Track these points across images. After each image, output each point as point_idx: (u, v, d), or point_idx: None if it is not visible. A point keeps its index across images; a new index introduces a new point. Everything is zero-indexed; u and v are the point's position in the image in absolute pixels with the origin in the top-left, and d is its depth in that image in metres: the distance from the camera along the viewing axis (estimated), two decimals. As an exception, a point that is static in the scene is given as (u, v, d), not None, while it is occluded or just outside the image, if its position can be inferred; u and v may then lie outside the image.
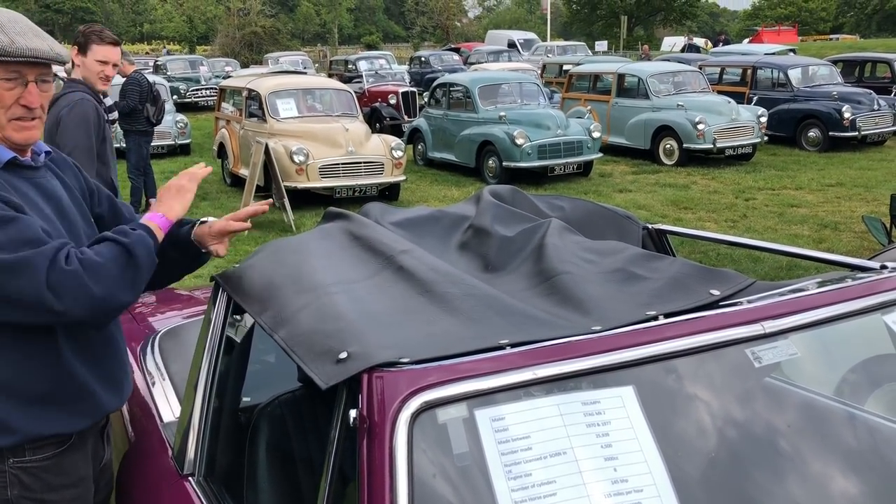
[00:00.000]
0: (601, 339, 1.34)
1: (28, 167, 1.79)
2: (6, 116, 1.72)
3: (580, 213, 2.37)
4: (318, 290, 1.68)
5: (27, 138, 1.74)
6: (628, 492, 1.20)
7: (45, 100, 1.76)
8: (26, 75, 1.71)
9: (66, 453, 1.78)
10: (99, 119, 3.87)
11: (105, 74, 3.80)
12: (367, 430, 1.24)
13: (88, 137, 3.79)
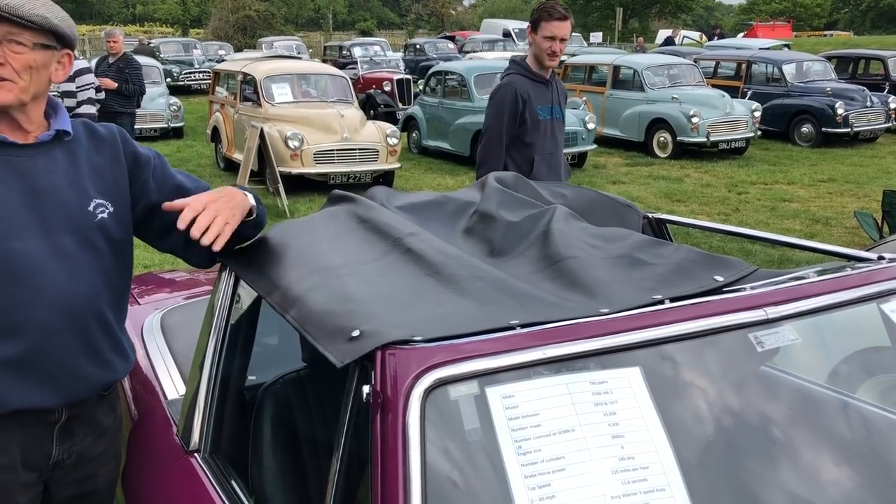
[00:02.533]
0: (609, 321, 1.38)
1: (6, 144, 1.76)
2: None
3: (582, 201, 2.40)
4: (328, 271, 1.71)
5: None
6: (634, 468, 1.24)
7: (16, 63, 1.69)
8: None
9: None
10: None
11: (553, 50, 3.84)
12: (381, 406, 1.27)
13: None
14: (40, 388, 1.77)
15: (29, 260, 1.73)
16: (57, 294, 1.76)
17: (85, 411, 1.90)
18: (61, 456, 1.88)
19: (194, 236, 1.76)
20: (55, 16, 1.75)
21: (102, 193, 1.86)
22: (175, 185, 1.99)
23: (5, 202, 1.72)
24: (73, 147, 1.86)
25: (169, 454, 2.03)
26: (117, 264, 1.91)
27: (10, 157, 1.76)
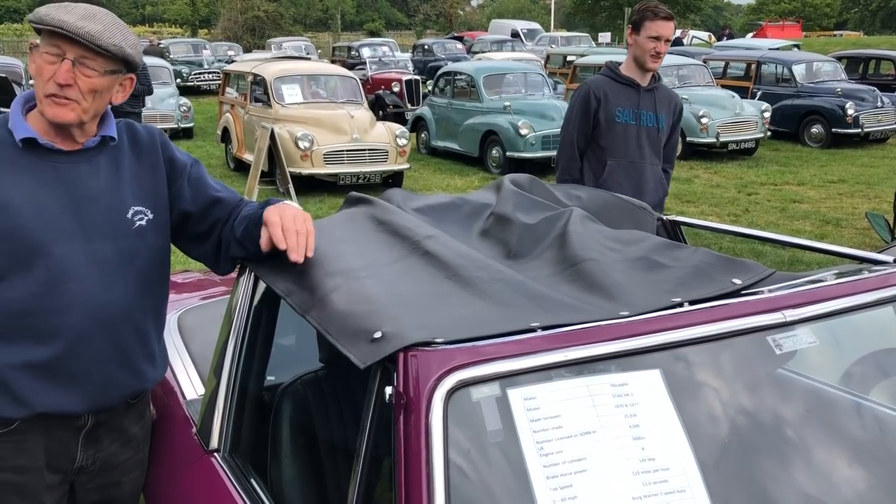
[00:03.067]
0: (629, 323, 1.39)
1: (52, 150, 1.80)
2: (43, 91, 1.74)
3: (597, 203, 2.41)
4: (348, 273, 1.72)
5: (54, 116, 1.75)
6: (655, 470, 1.25)
7: (84, 86, 1.74)
8: (66, 52, 1.72)
9: (5, 437, 1.79)
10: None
11: (658, 51, 3.63)
12: (404, 407, 1.29)
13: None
14: (68, 392, 1.80)
15: (66, 265, 1.77)
16: (91, 301, 1.79)
17: (112, 418, 1.92)
18: (86, 461, 1.91)
19: (296, 259, 1.76)
20: (128, 44, 1.78)
21: (141, 200, 1.89)
22: (209, 196, 2.01)
23: (48, 207, 1.76)
24: (115, 153, 1.89)
25: (188, 454, 2.05)
26: (155, 272, 1.94)
27: (55, 163, 1.80)
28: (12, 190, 1.74)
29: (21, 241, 1.73)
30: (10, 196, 1.73)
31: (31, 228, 1.74)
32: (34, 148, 1.78)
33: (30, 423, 1.80)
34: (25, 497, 1.82)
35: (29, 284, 1.74)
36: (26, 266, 1.74)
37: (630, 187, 3.66)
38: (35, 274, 1.74)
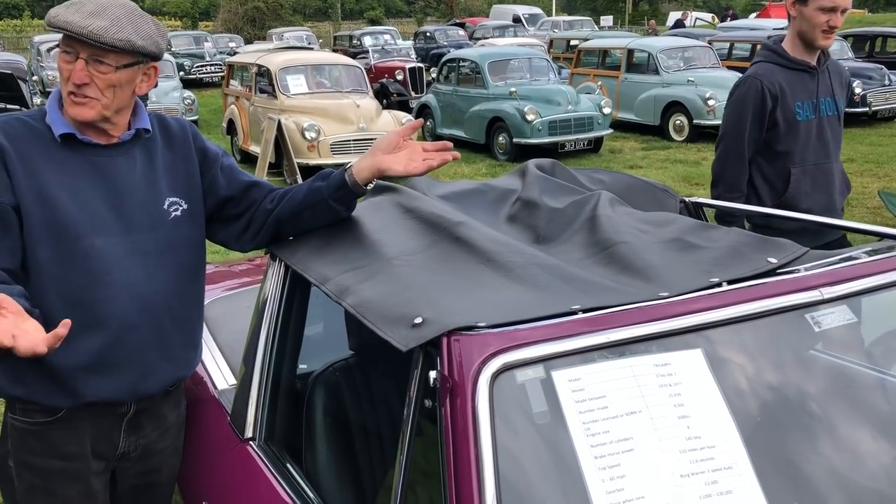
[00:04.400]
0: (670, 304, 1.40)
1: (89, 145, 1.82)
2: (65, 90, 1.77)
3: (620, 186, 2.41)
4: (380, 261, 1.74)
5: (76, 114, 1.77)
6: (702, 448, 1.26)
7: (100, 82, 1.75)
8: (78, 52, 1.74)
9: (53, 425, 1.83)
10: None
11: (833, 24, 2.97)
12: (450, 391, 1.30)
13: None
14: (113, 381, 1.84)
15: (110, 257, 1.80)
16: (134, 290, 1.82)
17: (152, 406, 1.96)
18: (128, 448, 1.94)
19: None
20: (141, 35, 1.77)
21: (176, 191, 1.92)
22: (244, 181, 2.04)
23: (89, 200, 1.79)
24: (149, 145, 1.91)
25: (223, 442, 2.07)
26: (192, 261, 1.97)
27: (93, 157, 1.83)
28: (54, 184, 1.76)
29: (65, 234, 1.76)
30: (52, 190, 1.76)
31: (75, 221, 1.77)
32: (72, 143, 1.81)
33: (76, 411, 1.84)
34: (74, 483, 1.86)
35: (74, 276, 1.77)
36: (71, 258, 1.77)
37: (821, 196, 3.12)
38: (79, 265, 1.77)
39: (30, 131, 1.79)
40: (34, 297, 1.75)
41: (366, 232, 1.92)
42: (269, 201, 2.02)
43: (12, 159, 1.73)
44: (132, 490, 2.03)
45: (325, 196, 1.93)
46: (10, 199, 1.73)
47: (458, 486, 1.23)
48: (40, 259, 1.75)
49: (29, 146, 1.77)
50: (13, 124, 1.78)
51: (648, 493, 1.21)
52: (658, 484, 1.22)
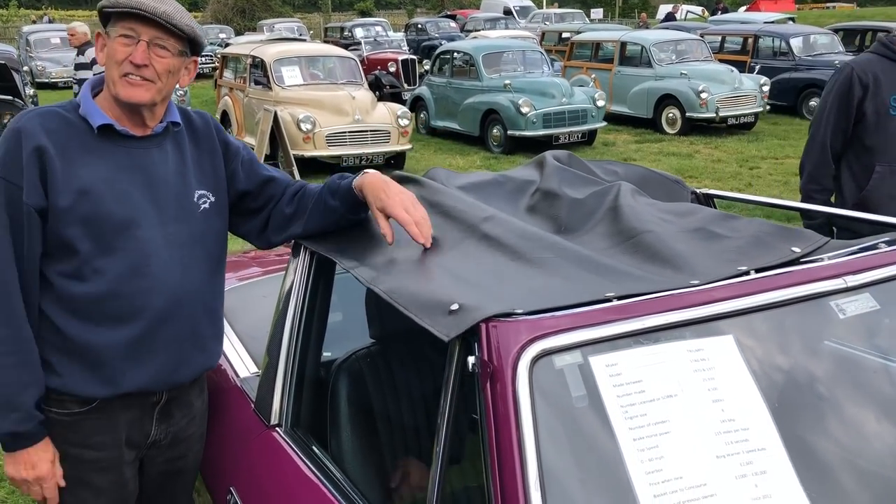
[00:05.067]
0: (701, 292, 1.44)
1: (126, 136, 1.85)
2: (118, 72, 1.79)
3: (635, 178, 2.45)
4: (410, 253, 1.77)
5: (130, 96, 1.80)
6: (736, 430, 1.31)
7: (159, 66, 1.80)
8: (141, 34, 1.78)
9: (87, 415, 1.86)
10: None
11: None
12: (490, 376, 1.33)
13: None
14: (149, 371, 1.87)
15: (149, 249, 1.83)
16: (170, 282, 1.85)
17: (181, 394, 1.99)
18: (158, 436, 1.97)
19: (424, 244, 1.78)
20: (196, 25, 1.85)
21: (204, 184, 1.96)
22: (263, 175, 2.08)
23: (128, 192, 1.82)
24: (178, 138, 1.95)
25: (248, 429, 2.10)
26: (219, 253, 2.00)
27: (129, 148, 1.85)
28: (93, 175, 1.79)
29: (105, 226, 1.79)
30: (91, 181, 1.78)
31: (114, 213, 1.79)
32: (109, 134, 1.83)
33: (111, 402, 1.86)
34: (107, 472, 1.88)
35: (114, 268, 1.80)
36: (110, 250, 1.79)
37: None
38: (119, 257, 1.80)
39: (67, 125, 1.81)
40: (73, 287, 1.78)
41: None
42: (288, 203, 2.05)
43: (52, 159, 1.75)
44: (159, 476, 2.06)
45: (343, 213, 1.98)
46: (37, 202, 1.75)
47: (501, 467, 1.27)
48: (80, 252, 1.78)
49: (67, 140, 1.79)
50: (51, 118, 1.80)
51: (686, 473, 1.26)
52: (695, 464, 1.27)
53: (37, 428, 1.79)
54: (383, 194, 1.87)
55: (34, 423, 1.78)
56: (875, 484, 1.40)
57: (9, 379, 1.74)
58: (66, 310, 1.81)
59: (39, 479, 1.81)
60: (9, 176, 1.74)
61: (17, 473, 1.80)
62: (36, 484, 1.81)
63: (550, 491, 1.23)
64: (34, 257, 1.77)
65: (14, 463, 1.80)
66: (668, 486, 1.24)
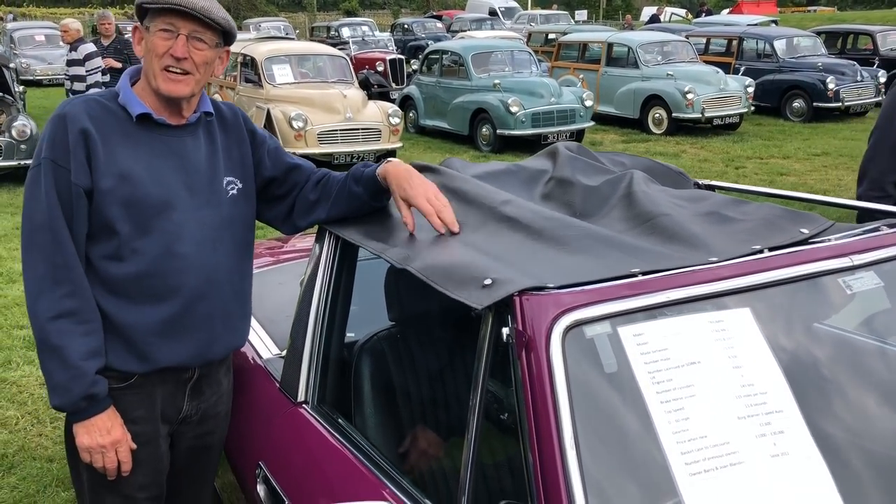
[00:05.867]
0: (720, 268, 1.54)
1: (162, 125, 1.93)
2: (159, 65, 1.88)
3: (641, 168, 2.54)
4: (434, 235, 1.85)
5: (171, 90, 1.88)
6: (755, 394, 1.40)
7: (197, 59, 1.88)
8: (179, 28, 1.86)
9: (126, 391, 1.93)
10: None
11: None
12: (525, 345, 1.42)
13: None
14: (183, 347, 1.95)
15: (183, 231, 1.92)
16: (203, 262, 1.94)
17: (212, 371, 2.08)
18: (189, 411, 2.06)
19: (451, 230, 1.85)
20: (229, 19, 1.94)
21: (232, 171, 2.04)
22: (287, 163, 2.17)
23: (166, 178, 1.91)
24: (210, 127, 2.03)
25: (275, 406, 2.18)
26: (246, 238, 2.09)
27: (165, 136, 1.94)
28: (132, 161, 1.87)
29: (144, 208, 1.87)
30: (131, 167, 1.86)
31: (152, 196, 1.87)
32: (147, 123, 1.92)
33: (147, 377, 1.93)
34: (144, 446, 1.96)
35: (151, 248, 1.88)
36: (148, 231, 1.88)
37: None
38: (156, 238, 1.88)
39: (108, 112, 1.89)
40: (112, 268, 1.86)
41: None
42: (312, 189, 2.14)
43: (95, 142, 1.84)
44: (188, 452, 2.13)
45: (366, 199, 2.07)
46: (86, 183, 1.84)
47: (538, 428, 1.36)
48: (120, 233, 1.86)
49: (109, 127, 1.87)
50: (93, 106, 1.88)
51: (710, 432, 1.35)
52: (718, 425, 1.36)
53: (107, 393, 1.87)
54: (406, 184, 1.96)
55: (105, 388, 1.86)
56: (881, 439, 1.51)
57: (81, 347, 1.82)
58: (107, 290, 1.89)
59: (116, 442, 1.88)
60: (57, 159, 1.82)
61: (92, 441, 1.87)
62: (112, 449, 1.88)
63: (585, 449, 1.32)
64: (82, 237, 1.85)
65: (88, 431, 1.87)
66: (693, 445, 1.33)
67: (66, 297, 1.83)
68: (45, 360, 1.84)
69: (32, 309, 1.86)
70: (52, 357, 1.82)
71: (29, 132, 9.32)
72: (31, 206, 1.86)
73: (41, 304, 1.83)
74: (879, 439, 1.51)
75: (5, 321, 5.45)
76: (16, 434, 3.96)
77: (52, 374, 1.83)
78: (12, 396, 4.36)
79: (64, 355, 1.80)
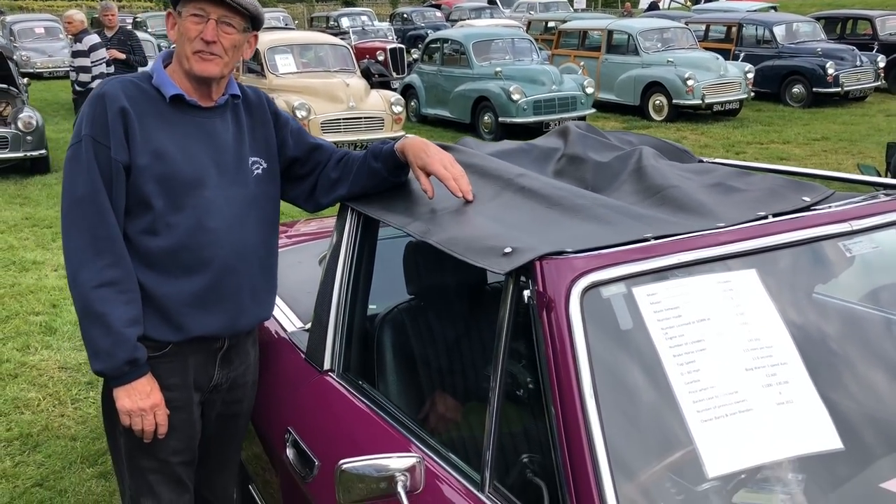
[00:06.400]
0: (727, 232, 1.64)
1: (194, 106, 2.03)
2: (190, 48, 1.97)
3: (648, 146, 2.65)
4: (453, 208, 1.95)
5: (203, 70, 1.98)
6: (761, 347, 1.51)
7: (226, 42, 1.98)
8: (209, 13, 1.96)
9: (160, 359, 2.03)
10: None
11: None
12: (546, 305, 1.52)
13: None
14: (215, 317, 2.05)
15: (214, 207, 2.02)
16: (232, 237, 2.04)
17: (240, 342, 2.18)
18: (220, 380, 2.16)
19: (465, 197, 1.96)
20: (257, 5, 2.03)
21: (257, 152, 2.14)
22: (310, 143, 2.27)
23: (196, 155, 2.01)
24: (237, 109, 2.14)
25: (302, 375, 2.29)
26: (272, 215, 2.19)
27: (197, 117, 2.04)
28: (166, 140, 1.97)
29: (177, 185, 1.97)
30: (165, 145, 1.96)
31: (185, 173, 1.98)
32: (179, 104, 2.02)
33: (180, 346, 2.03)
34: (178, 412, 2.06)
35: (183, 223, 1.98)
36: (180, 207, 1.98)
37: None
38: (188, 213, 1.98)
39: (143, 93, 1.99)
40: (148, 241, 1.96)
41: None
42: (333, 168, 2.24)
43: (132, 120, 1.94)
44: (218, 419, 2.24)
45: (385, 175, 2.17)
46: (125, 159, 1.94)
47: (559, 383, 1.46)
48: (155, 208, 1.96)
49: (145, 106, 1.98)
50: (129, 86, 1.98)
51: (720, 383, 1.45)
52: (728, 376, 1.46)
53: (146, 359, 1.97)
54: (424, 154, 2.06)
55: (145, 354, 1.96)
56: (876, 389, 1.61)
57: (124, 315, 1.92)
58: (143, 263, 1.99)
59: (154, 405, 1.98)
60: (97, 136, 1.92)
61: (133, 404, 1.96)
62: (150, 412, 1.98)
63: (603, 399, 1.43)
64: (122, 211, 1.95)
65: (129, 395, 1.96)
66: (704, 394, 1.44)
67: (107, 268, 1.92)
68: (88, 327, 1.93)
69: (74, 278, 1.95)
70: (96, 324, 1.91)
71: (35, 124, 9.39)
72: (73, 180, 1.95)
73: (84, 274, 1.92)
74: (873, 389, 1.62)
75: (21, 308, 5.56)
76: (38, 415, 4.07)
77: (96, 340, 1.92)
78: (33, 379, 4.47)
79: (107, 322, 1.90)
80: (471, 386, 2.27)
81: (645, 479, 1.43)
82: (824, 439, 1.44)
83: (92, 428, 3.90)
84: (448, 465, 1.73)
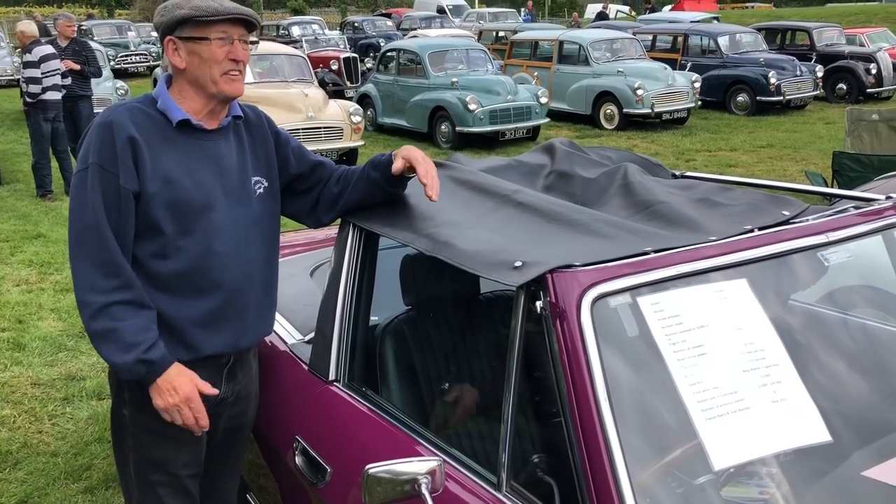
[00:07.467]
0: (719, 245, 1.79)
1: (199, 129, 2.09)
2: (219, 71, 2.03)
3: (626, 161, 2.80)
4: (455, 224, 2.07)
5: (235, 90, 2.06)
6: (755, 350, 1.65)
7: (245, 58, 2.06)
8: (232, 34, 2.04)
9: None
10: None
11: None
12: (558, 315, 1.65)
13: None
14: (223, 336, 2.12)
15: (221, 229, 2.08)
16: (239, 258, 2.12)
17: (243, 356, 2.26)
18: (226, 394, 2.22)
19: (429, 196, 2.10)
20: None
21: (259, 171, 2.21)
22: (312, 160, 2.35)
23: (205, 180, 2.07)
24: (238, 130, 2.20)
25: (306, 386, 2.37)
26: (273, 233, 2.27)
27: (202, 140, 2.10)
28: (175, 165, 2.03)
29: (187, 210, 2.03)
30: (174, 171, 2.02)
31: (194, 198, 2.04)
32: (185, 128, 2.08)
33: (190, 364, 2.09)
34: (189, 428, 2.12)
35: (194, 246, 2.04)
36: (190, 231, 2.04)
37: None
38: (197, 237, 2.05)
39: (149, 119, 2.04)
40: (159, 265, 2.02)
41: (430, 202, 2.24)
42: (335, 184, 2.33)
43: (141, 148, 1.99)
44: (223, 432, 2.30)
45: (383, 186, 2.26)
46: (134, 186, 1.99)
47: (575, 386, 1.58)
48: (165, 233, 2.02)
49: (152, 133, 2.03)
50: (136, 113, 2.03)
51: (721, 384, 1.59)
52: (727, 377, 1.61)
53: (164, 353, 1.99)
54: (413, 152, 2.21)
55: (158, 353, 1.97)
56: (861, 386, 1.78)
57: (132, 326, 1.95)
58: (153, 286, 2.04)
59: (186, 398, 2.00)
60: (104, 164, 1.97)
61: (164, 402, 2.00)
62: (185, 405, 2.00)
63: (617, 401, 1.55)
64: (131, 237, 2.00)
65: (159, 393, 2.00)
66: (707, 394, 1.57)
67: (116, 290, 1.96)
68: (100, 346, 1.97)
69: (83, 300, 1.99)
70: (105, 340, 1.95)
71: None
72: (79, 208, 1.99)
73: (91, 296, 1.96)
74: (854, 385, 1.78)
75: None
76: (15, 432, 4.05)
77: (112, 356, 1.96)
78: (6, 396, 4.44)
79: (116, 334, 1.94)
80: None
81: (657, 473, 1.57)
82: (815, 433, 1.59)
83: (73, 444, 3.90)
84: (463, 467, 1.83)
